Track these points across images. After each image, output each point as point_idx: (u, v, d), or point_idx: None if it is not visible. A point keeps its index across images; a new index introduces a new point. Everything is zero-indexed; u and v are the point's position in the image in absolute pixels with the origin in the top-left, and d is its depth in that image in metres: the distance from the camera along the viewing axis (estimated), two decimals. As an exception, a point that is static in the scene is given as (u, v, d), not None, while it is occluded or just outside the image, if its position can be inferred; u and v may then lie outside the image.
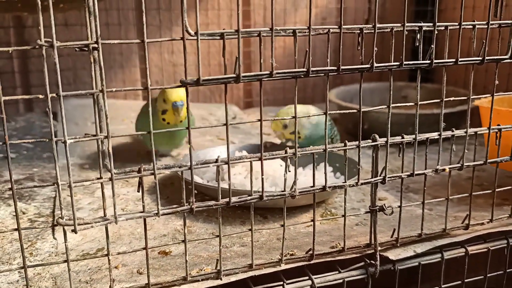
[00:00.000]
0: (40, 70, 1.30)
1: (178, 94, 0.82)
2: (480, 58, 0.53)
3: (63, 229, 0.43)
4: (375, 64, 0.48)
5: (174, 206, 0.46)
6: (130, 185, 0.78)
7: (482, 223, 0.62)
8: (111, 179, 0.42)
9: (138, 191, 0.45)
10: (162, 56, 1.41)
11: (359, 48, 0.48)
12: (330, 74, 0.47)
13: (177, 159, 0.94)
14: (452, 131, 0.56)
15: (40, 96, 0.40)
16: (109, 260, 0.46)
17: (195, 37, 0.42)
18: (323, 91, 1.51)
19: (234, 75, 0.44)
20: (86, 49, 0.40)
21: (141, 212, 0.45)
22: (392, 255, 0.56)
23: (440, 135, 0.55)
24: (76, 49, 0.40)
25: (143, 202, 0.45)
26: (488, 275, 0.64)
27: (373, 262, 0.56)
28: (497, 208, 0.63)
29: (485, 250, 0.62)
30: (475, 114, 1.23)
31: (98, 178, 0.43)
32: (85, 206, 0.71)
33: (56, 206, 0.71)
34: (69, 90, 1.39)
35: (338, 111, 0.52)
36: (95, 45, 0.40)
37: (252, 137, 1.14)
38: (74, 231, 0.42)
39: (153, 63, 1.41)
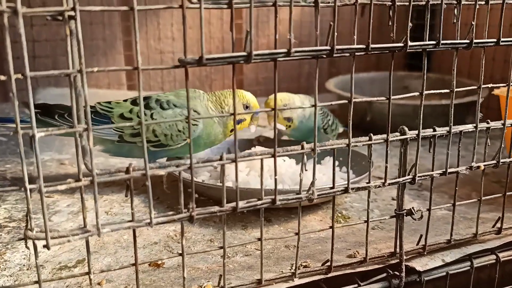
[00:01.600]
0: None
1: (256, 100, 0.70)
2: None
3: (33, 243, 0.35)
4: (410, 43, 0.41)
5: (170, 213, 0.38)
6: (115, 184, 0.69)
7: (516, 227, 0.55)
8: (92, 181, 0.34)
9: (126, 196, 0.37)
10: (148, 43, 1.31)
11: (390, 23, 0.40)
12: (357, 53, 0.40)
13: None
14: (488, 122, 0.49)
15: (2, 78, 0.32)
16: (90, 280, 0.37)
17: (197, 5, 0.33)
18: (320, 81, 1.43)
19: (245, 53, 0.35)
20: (60, 18, 0.32)
21: (130, 221, 0.36)
22: (419, 265, 0.49)
23: (476, 127, 0.48)
24: (48, 17, 0.32)
25: (132, 210, 0.37)
26: (520, 284, 0.58)
27: (398, 274, 0.48)
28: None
29: (518, 256, 0.55)
30: (483, 107, 1.18)
31: (76, 180, 0.35)
32: (63, 209, 0.62)
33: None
34: (48, 79, 1.29)
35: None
36: (72, 13, 0.31)
37: (248, 130, 1.06)
38: (47, 246, 0.33)
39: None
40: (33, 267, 0.48)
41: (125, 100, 0.67)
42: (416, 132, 0.45)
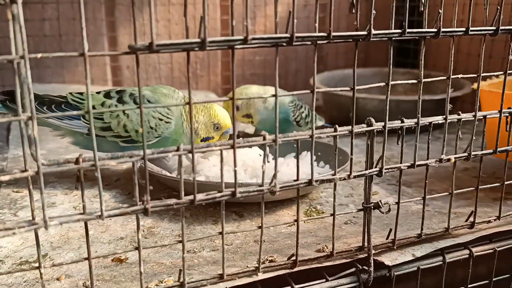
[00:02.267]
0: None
1: (229, 120, 0.69)
2: (493, 28, 0.45)
3: (-22, 236, 0.34)
4: (373, 31, 0.40)
5: (125, 205, 0.37)
6: (87, 179, 0.68)
7: (489, 221, 0.54)
8: (37, 172, 0.33)
9: (77, 188, 0.36)
10: (133, 39, 1.30)
11: (353, 11, 0.39)
12: (319, 42, 0.39)
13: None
14: (459, 114, 0.48)
15: None
16: (41, 274, 0.36)
17: (146, -11, 0.32)
18: (306, 78, 1.42)
19: (199, 40, 0.34)
20: (2, 2, 0.30)
21: (81, 213, 0.35)
22: (388, 259, 0.48)
23: (446, 119, 0.47)
24: (-12, 1, 0.30)
25: (83, 202, 0.35)
26: (494, 279, 0.57)
27: (366, 268, 0.47)
28: (497, 202, 0.55)
29: (491, 251, 0.54)
30: (468, 102, 1.17)
31: (22, 171, 0.33)
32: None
33: (-3, 204, 0.61)
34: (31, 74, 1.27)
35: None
36: (12, -4, 0.30)
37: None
38: (-10, 239, 0.32)
39: (123, 46, 1.30)
40: (-8, 262, 0.47)
41: (98, 93, 0.66)
42: (383, 123, 0.44)
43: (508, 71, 0.50)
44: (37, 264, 0.46)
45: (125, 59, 1.31)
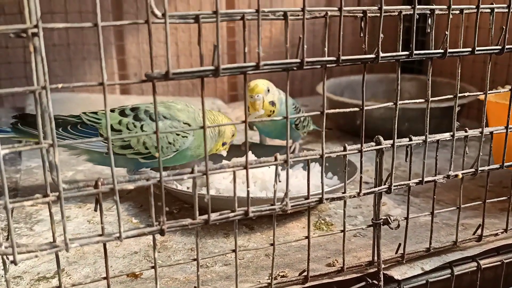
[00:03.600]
0: (7, 62, 1.20)
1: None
2: (499, 47, 0.46)
3: (2, 258, 0.35)
4: (381, 54, 0.41)
5: (141, 226, 0.38)
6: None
7: (496, 234, 0.55)
8: (59, 197, 0.34)
9: (96, 210, 0.37)
10: (140, 47, 1.31)
11: (361, 34, 0.40)
12: (328, 65, 0.40)
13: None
14: (465, 131, 0.49)
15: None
16: (61, 293, 0.38)
17: (163, 20, 0.33)
18: (312, 83, 1.43)
19: (213, 68, 0.35)
20: (24, 35, 0.32)
21: (99, 235, 0.37)
22: (398, 274, 0.49)
23: (453, 136, 0.48)
24: (11, 35, 0.32)
25: (102, 224, 0.37)
26: (502, 291, 0.58)
27: (376, 283, 0.48)
28: (505, 213, 0.56)
29: (499, 263, 0.55)
30: (473, 108, 1.17)
31: (44, 196, 0.35)
32: (46, 217, 0.62)
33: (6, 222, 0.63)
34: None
35: (338, 110, 0.45)
36: (35, 30, 0.31)
37: (238, 134, 1.06)
38: (14, 262, 0.34)
39: (131, 54, 1.31)
40: (11, 278, 0.48)
41: (112, 110, 0.67)
42: (391, 141, 0.45)
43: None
44: (55, 280, 0.48)
45: (133, 67, 1.33)
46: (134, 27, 1.30)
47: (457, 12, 0.44)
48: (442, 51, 0.43)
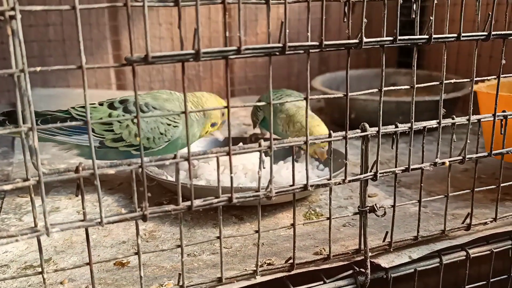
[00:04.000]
0: None
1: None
2: (485, 33, 0.46)
3: (-17, 243, 0.35)
4: (365, 39, 0.40)
5: (124, 212, 0.38)
6: (90, 183, 0.69)
7: (485, 223, 0.55)
8: (39, 181, 0.34)
9: (77, 196, 0.37)
10: (136, 42, 1.31)
11: (345, 19, 0.40)
12: (311, 50, 0.39)
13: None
14: (453, 118, 0.49)
15: None
16: (43, 279, 0.38)
17: (141, 3, 0.33)
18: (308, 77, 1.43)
19: (193, 51, 0.35)
20: (1, 17, 0.32)
21: (81, 220, 0.37)
22: (385, 262, 0.49)
23: (439, 123, 0.47)
24: (-11, 17, 0.32)
25: (83, 209, 0.37)
26: (491, 280, 0.57)
27: (363, 271, 0.48)
28: (499, 204, 0.56)
29: (488, 252, 0.55)
30: (468, 102, 1.17)
31: (24, 180, 0.35)
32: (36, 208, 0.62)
33: (2, 210, 0.63)
34: (35, 79, 1.29)
35: (322, 96, 0.45)
36: (12, 13, 0.31)
37: (232, 129, 1.06)
38: (-6, 246, 0.34)
39: (126, 50, 1.31)
40: (-2, 267, 0.48)
41: (101, 104, 0.67)
42: (377, 129, 0.45)
43: (503, 75, 0.50)
44: (40, 269, 0.48)
45: (129, 62, 1.32)
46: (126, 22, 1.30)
47: (443, -2, 0.43)
48: (427, 36, 0.43)
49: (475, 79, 0.49)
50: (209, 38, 1.35)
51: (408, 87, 0.45)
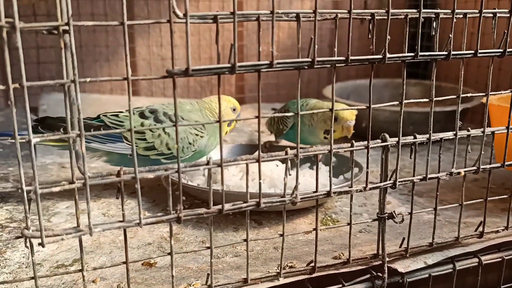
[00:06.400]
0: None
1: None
2: (501, 50, 0.48)
3: (29, 242, 0.37)
4: (388, 55, 0.43)
5: (159, 214, 0.40)
6: (113, 187, 0.72)
7: (497, 231, 0.57)
8: (84, 184, 0.36)
9: (117, 198, 0.39)
10: (150, 49, 1.34)
11: (369, 36, 0.42)
12: (337, 65, 0.42)
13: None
14: (468, 130, 0.51)
15: (1, 87, 0.34)
16: (83, 276, 0.40)
17: (184, 20, 0.36)
18: (318, 87, 1.46)
19: (229, 65, 0.38)
20: (55, 32, 0.34)
21: (121, 221, 0.39)
22: (401, 267, 0.51)
23: (455, 134, 0.50)
24: (44, 32, 0.34)
25: (123, 210, 0.39)
26: (502, 287, 0.59)
27: (380, 275, 0.50)
28: (506, 213, 0.58)
29: (499, 259, 0.57)
30: (478, 113, 1.19)
31: (70, 183, 0.37)
32: (62, 210, 0.64)
33: (30, 211, 0.65)
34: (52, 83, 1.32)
35: (347, 108, 0.47)
36: (66, 27, 0.34)
37: (245, 135, 1.09)
38: (42, 244, 0.36)
39: (140, 57, 1.34)
40: (31, 265, 0.51)
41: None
42: (396, 139, 0.47)
43: (516, 89, 0.52)
44: (73, 268, 0.50)
45: (142, 68, 1.35)
46: (144, 30, 1.33)
47: (461, 16, 0.46)
48: (446, 52, 0.46)
49: (490, 93, 0.51)
50: (222, 47, 1.37)
51: (427, 100, 0.48)
